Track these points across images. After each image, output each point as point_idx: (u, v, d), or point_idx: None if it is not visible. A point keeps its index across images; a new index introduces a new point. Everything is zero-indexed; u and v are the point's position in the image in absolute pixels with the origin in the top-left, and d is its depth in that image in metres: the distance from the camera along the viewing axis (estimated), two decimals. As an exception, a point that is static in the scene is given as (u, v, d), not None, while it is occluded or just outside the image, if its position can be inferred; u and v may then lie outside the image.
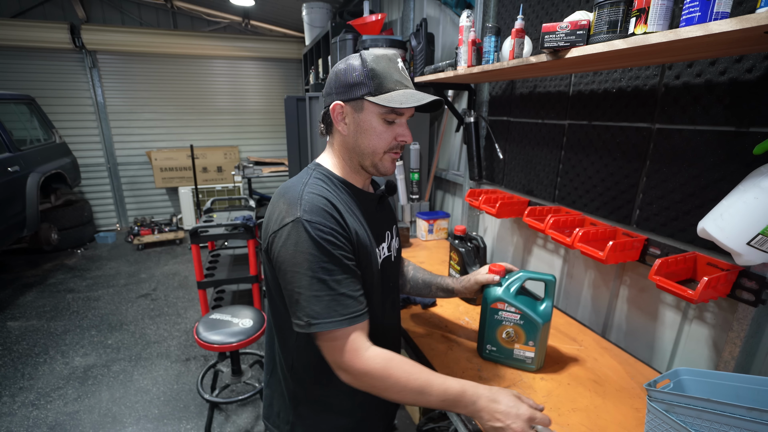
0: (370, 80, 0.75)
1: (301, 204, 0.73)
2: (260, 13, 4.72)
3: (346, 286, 0.72)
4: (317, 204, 0.73)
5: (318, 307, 0.70)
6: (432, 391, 0.71)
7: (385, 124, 0.77)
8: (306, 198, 0.74)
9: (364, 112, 0.77)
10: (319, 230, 0.71)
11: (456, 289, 1.09)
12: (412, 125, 2.10)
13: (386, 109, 0.76)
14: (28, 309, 3.11)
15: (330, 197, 0.76)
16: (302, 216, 0.71)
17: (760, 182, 0.74)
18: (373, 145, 0.78)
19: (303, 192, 0.75)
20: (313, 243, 0.70)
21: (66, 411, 2.08)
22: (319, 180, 0.80)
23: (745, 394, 0.73)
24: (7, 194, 3.14)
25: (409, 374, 0.71)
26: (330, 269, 0.71)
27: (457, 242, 1.45)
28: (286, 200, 0.74)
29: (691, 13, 0.67)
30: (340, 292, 0.71)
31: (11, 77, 4.27)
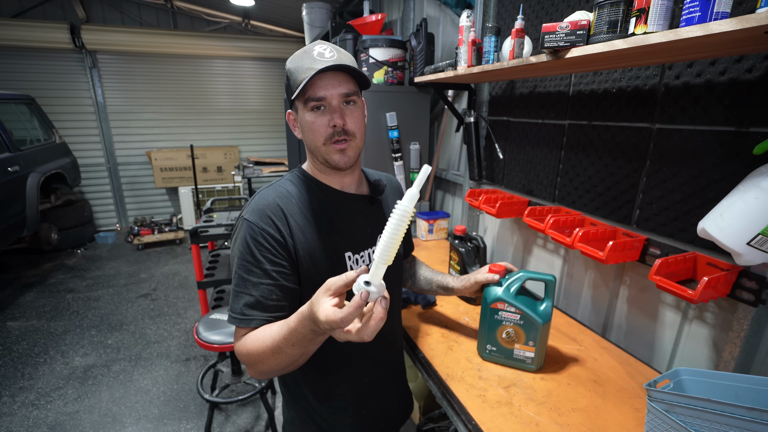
0: (288, 80, 0.77)
1: (251, 203, 0.77)
2: (260, 13, 4.72)
3: (258, 289, 0.72)
4: (261, 205, 0.75)
5: (233, 300, 0.74)
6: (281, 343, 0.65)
7: (314, 115, 0.75)
8: (257, 198, 0.77)
9: (300, 112, 0.77)
10: (252, 230, 0.73)
11: (456, 287, 1.08)
12: (412, 125, 2.12)
13: (303, 99, 0.74)
14: (28, 309, 3.11)
15: (280, 196, 0.77)
16: (245, 215, 0.75)
17: (760, 182, 0.74)
18: (313, 140, 0.77)
19: (261, 193, 0.78)
20: (244, 241, 0.73)
21: (66, 411, 2.08)
22: (289, 181, 0.82)
23: (745, 394, 0.73)
24: (7, 194, 3.13)
25: (259, 340, 0.69)
26: (249, 269, 0.73)
27: (457, 242, 1.45)
28: (251, 198, 0.79)
29: (691, 13, 0.67)
30: (250, 293, 0.72)
31: (11, 77, 4.27)
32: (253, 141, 5.48)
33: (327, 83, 0.73)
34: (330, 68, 0.71)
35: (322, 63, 0.72)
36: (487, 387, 0.96)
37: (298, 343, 0.64)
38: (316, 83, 0.72)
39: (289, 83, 0.76)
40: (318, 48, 0.75)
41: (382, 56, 2.03)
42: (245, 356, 0.72)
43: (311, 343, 0.64)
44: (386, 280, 0.88)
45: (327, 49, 0.75)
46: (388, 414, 0.97)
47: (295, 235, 0.75)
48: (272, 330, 0.68)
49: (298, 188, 0.80)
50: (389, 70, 2.04)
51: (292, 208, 0.77)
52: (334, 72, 0.73)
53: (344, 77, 0.75)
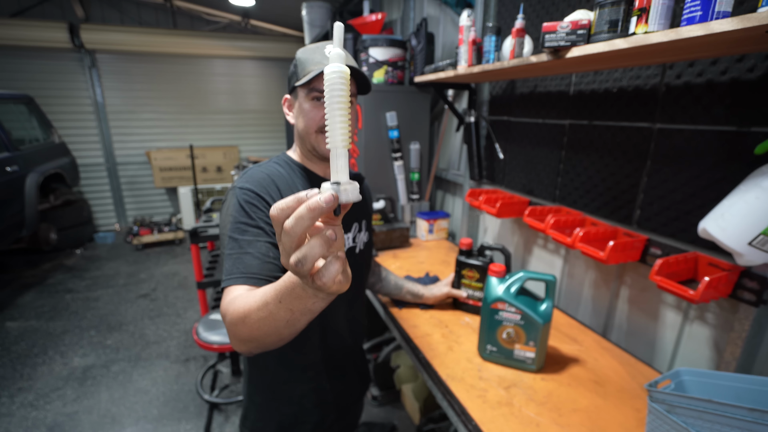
0: (296, 68, 0.82)
1: (242, 176, 0.80)
2: (260, 13, 4.72)
3: (255, 246, 0.71)
4: (255, 176, 0.79)
5: (228, 264, 0.71)
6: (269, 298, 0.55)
7: (313, 104, 0.80)
8: (249, 173, 0.80)
9: (299, 99, 0.82)
10: (246, 195, 0.75)
11: (425, 296, 1.27)
12: (412, 125, 2.11)
13: (307, 88, 0.80)
14: (26, 309, 3.11)
15: (271, 173, 0.81)
16: (237, 184, 0.77)
17: (761, 182, 0.74)
18: (306, 126, 0.82)
19: (252, 169, 0.82)
20: (237, 206, 0.74)
21: (65, 412, 2.08)
22: (275, 163, 0.85)
23: (747, 394, 0.72)
24: (5, 194, 3.13)
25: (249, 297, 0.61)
26: (244, 229, 0.73)
27: (471, 259, 1.27)
28: (238, 176, 0.82)
29: (692, 12, 0.66)
30: (247, 251, 0.71)
31: (10, 77, 4.26)
32: (252, 141, 5.47)
33: None
34: None
35: (321, 63, 0.78)
36: (487, 387, 0.96)
37: (285, 299, 0.52)
38: (321, 77, 0.76)
39: (296, 71, 0.81)
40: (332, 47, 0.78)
41: (382, 56, 2.02)
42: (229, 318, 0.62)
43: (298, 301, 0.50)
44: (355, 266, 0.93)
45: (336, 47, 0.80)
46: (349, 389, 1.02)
47: None
48: (263, 288, 0.59)
49: (286, 171, 0.84)
50: (389, 69, 2.04)
51: (283, 185, 0.80)
52: None
53: None
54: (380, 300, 1.41)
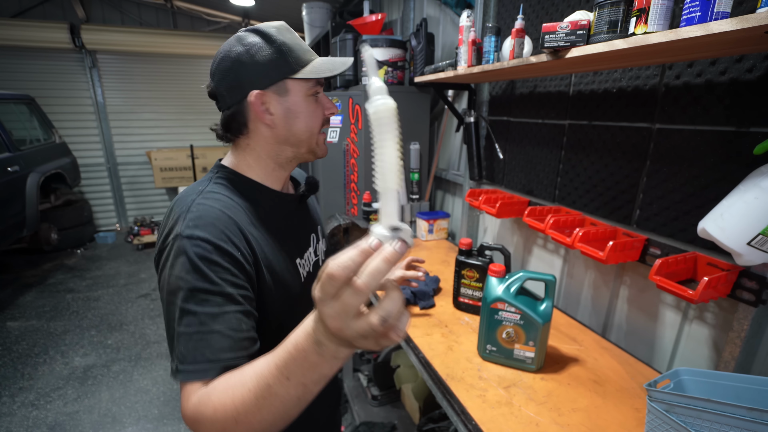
0: (286, 56, 0.65)
1: (186, 216, 0.59)
2: (260, 13, 4.72)
3: (224, 321, 0.55)
4: (205, 216, 0.59)
5: (185, 348, 0.53)
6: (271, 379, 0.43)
7: (313, 101, 0.70)
8: (194, 209, 0.60)
9: (290, 95, 0.67)
10: (200, 248, 0.56)
11: None
12: (412, 125, 2.11)
13: (312, 83, 0.69)
14: (27, 309, 3.11)
15: (227, 207, 0.63)
16: (184, 231, 0.57)
17: (760, 182, 0.74)
18: (310, 127, 0.70)
19: (194, 202, 0.61)
20: (190, 265, 0.55)
21: (66, 411, 2.08)
22: (219, 185, 0.67)
23: (746, 394, 0.73)
24: (6, 194, 3.13)
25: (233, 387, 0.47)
26: (205, 299, 0.55)
27: (470, 259, 1.27)
28: (175, 212, 0.61)
29: (692, 13, 0.67)
30: (213, 329, 0.54)
31: (11, 77, 4.27)
32: (253, 141, 5.48)
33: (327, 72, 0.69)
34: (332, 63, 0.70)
35: (312, 53, 0.70)
36: (487, 387, 0.96)
37: (294, 373, 0.42)
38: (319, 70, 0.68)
39: (285, 59, 0.65)
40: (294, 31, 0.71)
41: (382, 56, 2.03)
42: (210, 420, 0.47)
43: (312, 370, 0.41)
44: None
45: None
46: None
47: (255, 251, 0.63)
48: (253, 367, 0.47)
49: (235, 192, 0.68)
50: (389, 70, 2.04)
51: (243, 219, 0.64)
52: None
53: None
54: (380, 300, 1.41)
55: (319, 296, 0.36)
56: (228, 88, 0.66)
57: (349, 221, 1.78)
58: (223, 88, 0.66)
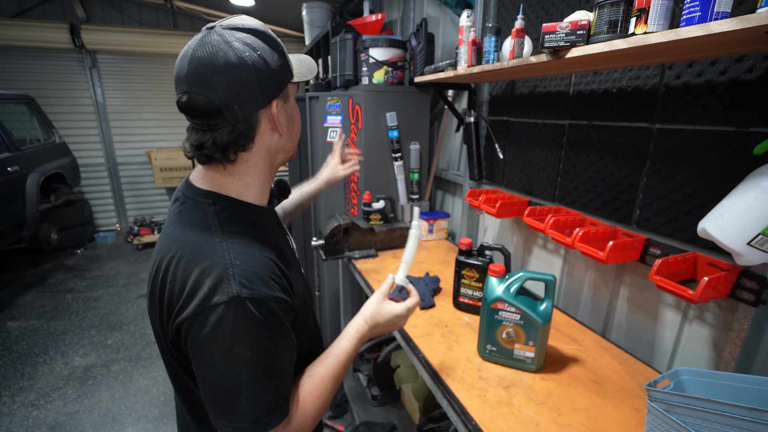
0: (287, 59, 0.62)
1: (233, 272, 0.53)
2: (260, 13, 4.72)
3: (287, 365, 0.60)
4: (255, 268, 0.55)
5: (265, 402, 0.55)
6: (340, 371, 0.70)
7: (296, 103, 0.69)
8: (238, 263, 0.54)
9: (290, 99, 0.65)
10: (265, 306, 0.54)
11: (322, 188, 1.18)
12: (412, 125, 2.11)
13: (294, 86, 0.67)
14: (27, 309, 3.11)
15: (261, 249, 0.59)
16: (241, 293, 0.52)
17: (760, 182, 0.74)
18: (299, 129, 0.70)
19: (228, 252, 0.55)
20: (259, 326, 0.53)
21: (66, 411, 2.08)
22: (228, 220, 0.60)
23: (746, 394, 0.73)
24: (6, 194, 3.13)
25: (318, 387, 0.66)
26: (274, 352, 0.56)
27: (470, 259, 1.27)
28: (207, 269, 0.54)
29: (692, 13, 0.67)
30: (283, 374, 0.58)
31: (11, 77, 4.27)
32: (253, 141, 5.48)
33: None
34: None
35: None
36: (487, 387, 0.96)
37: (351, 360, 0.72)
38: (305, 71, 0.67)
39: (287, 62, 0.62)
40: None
41: (382, 56, 2.03)
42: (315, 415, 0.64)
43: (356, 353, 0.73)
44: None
45: None
46: None
47: (291, 281, 0.64)
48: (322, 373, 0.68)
49: (246, 224, 0.62)
50: (389, 70, 2.04)
51: (271, 253, 0.61)
52: None
53: None
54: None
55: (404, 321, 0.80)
56: (241, 101, 0.56)
57: (349, 221, 1.78)
58: (233, 101, 0.56)
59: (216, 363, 0.53)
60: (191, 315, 0.53)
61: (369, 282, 1.55)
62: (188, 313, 0.53)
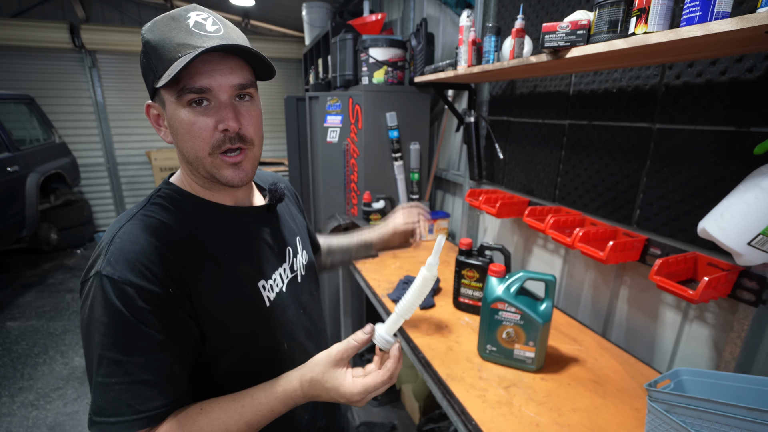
0: (149, 59, 0.53)
1: (108, 250, 0.52)
2: (260, 13, 4.72)
3: (154, 370, 0.50)
4: (129, 250, 0.51)
5: (103, 399, 0.49)
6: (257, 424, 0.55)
7: (194, 113, 0.53)
8: (117, 241, 0.52)
9: (168, 106, 0.54)
10: (122, 291, 0.49)
11: (374, 242, 1.00)
12: (412, 125, 2.11)
13: (175, 89, 0.52)
14: (27, 309, 3.11)
15: (158, 238, 0.54)
16: (104, 269, 0.50)
17: (760, 182, 0.74)
18: (193, 148, 0.55)
19: (119, 231, 0.54)
20: (110, 308, 0.49)
21: (66, 411, 2.08)
22: (156, 206, 0.58)
23: (746, 394, 0.73)
24: (6, 194, 3.13)
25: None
26: (131, 346, 0.50)
27: (471, 259, 1.27)
28: (101, 243, 0.54)
29: (692, 12, 0.66)
30: (140, 378, 0.50)
31: (11, 77, 4.26)
32: (252, 141, 5.48)
33: (212, 69, 0.52)
34: (219, 48, 0.51)
35: (203, 39, 0.52)
36: (487, 387, 0.96)
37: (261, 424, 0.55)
38: (195, 68, 0.51)
39: (149, 63, 0.53)
40: (194, 16, 0.53)
41: (382, 56, 2.02)
42: None
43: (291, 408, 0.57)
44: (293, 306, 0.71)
45: (208, 18, 0.54)
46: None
47: (189, 282, 0.54)
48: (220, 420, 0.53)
49: (175, 213, 0.58)
50: (389, 69, 2.04)
51: (175, 244, 0.55)
52: (222, 54, 0.53)
53: (237, 62, 0.55)
54: (380, 300, 1.41)
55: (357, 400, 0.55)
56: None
57: (349, 221, 1.78)
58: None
59: (82, 339, 0.53)
60: (81, 282, 0.54)
61: (369, 282, 1.55)
62: (81, 280, 0.55)
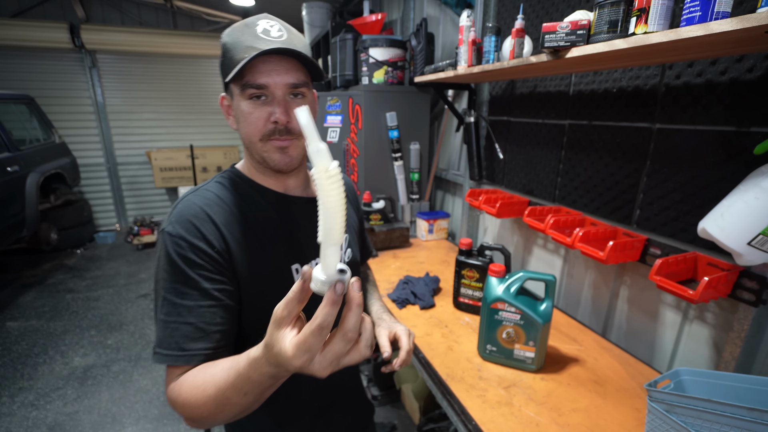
0: (224, 58, 0.65)
1: (172, 213, 0.64)
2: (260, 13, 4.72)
3: (198, 315, 0.60)
4: (186, 214, 0.63)
5: (162, 333, 0.60)
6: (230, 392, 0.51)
7: (252, 105, 0.64)
8: (180, 206, 0.65)
9: (235, 98, 0.65)
10: (177, 245, 0.60)
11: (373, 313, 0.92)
12: (412, 125, 2.11)
13: (240, 84, 0.63)
14: (27, 309, 3.11)
15: (210, 207, 0.65)
16: (166, 227, 0.62)
17: (760, 182, 0.74)
18: (248, 133, 0.66)
19: (184, 198, 0.66)
20: (169, 258, 0.60)
21: (65, 411, 2.08)
22: (218, 184, 0.70)
23: (746, 394, 0.73)
24: (6, 194, 3.13)
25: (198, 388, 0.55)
26: (183, 292, 0.60)
27: (471, 259, 1.27)
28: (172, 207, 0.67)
29: (692, 12, 0.67)
30: (187, 321, 0.59)
31: (11, 77, 4.26)
32: (252, 141, 5.48)
33: (271, 69, 0.62)
34: (276, 51, 0.61)
35: (266, 43, 0.62)
36: (487, 387, 0.96)
37: (251, 392, 0.49)
38: (257, 67, 0.61)
39: (224, 61, 0.65)
40: (263, 23, 0.64)
41: (382, 56, 2.02)
42: (181, 407, 0.57)
43: (270, 388, 0.50)
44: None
45: (274, 26, 0.65)
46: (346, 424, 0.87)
47: (231, 249, 0.64)
48: (215, 375, 0.53)
49: (231, 191, 0.69)
50: (389, 69, 2.04)
51: (223, 215, 0.65)
52: (281, 56, 0.63)
53: (293, 64, 0.64)
54: (380, 300, 1.41)
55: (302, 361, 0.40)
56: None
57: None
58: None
59: (154, 284, 0.64)
60: None
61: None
62: None
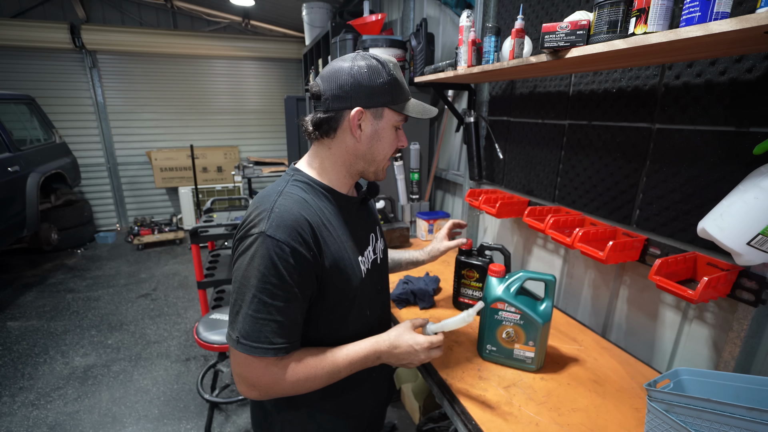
0: (393, 89, 0.75)
1: (271, 216, 0.69)
2: (260, 13, 4.72)
3: (285, 314, 0.68)
4: (287, 219, 0.69)
5: (250, 327, 0.67)
6: (340, 369, 0.75)
7: (394, 132, 0.80)
8: (277, 210, 0.69)
9: (383, 120, 0.77)
10: (281, 249, 0.66)
11: (425, 260, 1.21)
12: (412, 125, 2.11)
13: (402, 117, 0.79)
14: (28, 309, 3.11)
15: (304, 211, 0.72)
16: (267, 230, 0.67)
17: (760, 182, 0.74)
18: (385, 152, 0.80)
19: (276, 203, 0.71)
20: (269, 261, 0.66)
21: (66, 411, 2.08)
22: (299, 189, 0.76)
23: (745, 394, 0.73)
24: (7, 194, 3.13)
25: (315, 367, 0.72)
26: (276, 293, 0.67)
27: (471, 259, 1.28)
28: (259, 209, 0.71)
29: (691, 13, 0.67)
30: (277, 319, 0.68)
31: (11, 77, 4.26)
32: (253, 141, 5.48)
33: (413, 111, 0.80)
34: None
35: (408, 92, 0.81)
36: (487, 387, 0.96)
37: (358, 368, 0.77)
38: (413, 110, 0.79)
39: (392, 91, 0.75)
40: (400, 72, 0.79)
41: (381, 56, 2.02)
42: (293, 384, 0.71)
43: (367, 368, 0.79)
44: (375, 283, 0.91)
45: None
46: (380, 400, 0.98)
47: (323, 250, 0.73)
48: (332, 356, 0.74)
49: (312, 196, 0.76)
50: (389, 70, 2.04)
51: (317, 220, 0.73)
52: None
53: None
54: (380, 300, 1.41)
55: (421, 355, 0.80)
56: (335, 95, 0.73)
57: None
58: (330, 93, 0.74)
59: (237, 278, 0.69)
60: (238, 237, 0.72)
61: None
62: (237, 236, 0.72)
